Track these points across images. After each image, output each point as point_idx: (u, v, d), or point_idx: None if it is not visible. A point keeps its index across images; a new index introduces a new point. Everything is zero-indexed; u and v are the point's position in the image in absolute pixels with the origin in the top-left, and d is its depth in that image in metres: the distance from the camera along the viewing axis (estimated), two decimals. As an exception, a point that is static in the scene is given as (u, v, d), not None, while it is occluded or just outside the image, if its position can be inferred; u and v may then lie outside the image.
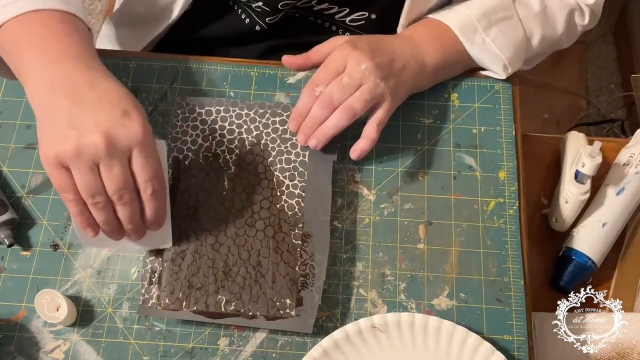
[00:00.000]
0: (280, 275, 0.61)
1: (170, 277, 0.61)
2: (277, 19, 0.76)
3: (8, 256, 0.64)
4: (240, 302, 0.60)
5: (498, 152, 0.69)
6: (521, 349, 0.61)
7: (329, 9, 0.76)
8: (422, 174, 0.68)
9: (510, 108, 0.71)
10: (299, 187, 0.65)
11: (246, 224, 0.64)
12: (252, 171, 0.66)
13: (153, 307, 0.60)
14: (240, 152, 0.67)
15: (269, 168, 0.66)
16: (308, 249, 0.63)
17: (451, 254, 0.64)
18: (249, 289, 0.61)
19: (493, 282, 0.63)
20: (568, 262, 0.74)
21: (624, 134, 1.53)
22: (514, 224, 0.66)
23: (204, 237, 0.63)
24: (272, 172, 0.66)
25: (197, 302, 0.60)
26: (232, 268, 0.62)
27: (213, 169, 0.66)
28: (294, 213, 0.64)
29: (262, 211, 0.64)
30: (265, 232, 0.63)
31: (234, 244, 0.63)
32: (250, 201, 0.65)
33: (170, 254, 0.62)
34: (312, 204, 0.64)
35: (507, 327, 0.61)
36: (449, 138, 0.70)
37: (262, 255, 0.62)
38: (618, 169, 0.77)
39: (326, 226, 0.63)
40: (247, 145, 0.67)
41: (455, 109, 0.71)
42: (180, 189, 0.65)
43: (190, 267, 0.62)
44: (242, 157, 0.67)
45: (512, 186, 0.67)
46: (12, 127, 0.70)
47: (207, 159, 0.66)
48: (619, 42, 1.73)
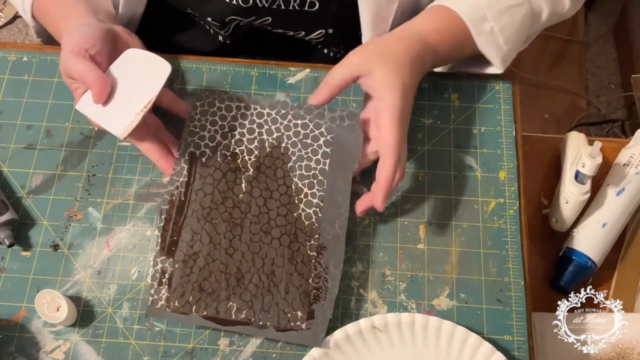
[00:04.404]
0: (293, 286, 0.60)
1: (181, 279, 0.60)
2: (240, 33, 0.78)
3: (8, 256, 0.64)
4: (251, 310, 0.59)
5: (498, 152, 0.69)
6: (521, 349, 0.61)
7: (284, 33, 0.77)
8: (422, 174, 0.68)
9: (510, 108, 0.71)
10: (317, 196, 0.63)
11: (261, 230, 0.62)
12: (271, 175, 0.64)
13: (162, 309, 0.59)
14: (260, 153, 0.65)
15: (288, 173, 0.64)
16: (322, 261, 0.61)
17: (451, 254, 0.64)
18: (260, 298, 0.59)
19: (493, 282, 0.63)
20: (568, 262, 0.74)
21: (624, 134, 1.53)
22: (514, 224, 0.66)
23: (218, 240, 0.61)
24: (290, 178, 0.64)
25: (207, 307, 0.59)
26: (244, 275, 0.60)
27: (230, 169, 0.64)
28: (311, 223, 0.62)
29: (278, 218, 0.62)
30: (280, 240, 0.61)
31: (248, 250, 0.61)
32: (267, 206, 0.63)
33: (182, 255, 0.60)
34: (329, 215, 0.62)
35: (507, 327, 0.61)
36: (449, 138, 0.70)
37: (276, 264, 0.60)
38: (618, 169, 0.77)
39: (341, 239, 0.62)
40: (267, 147, 0.65)
41: (455, 109, 0.71)
42: (195, 187, 0.63)
43: (202, 270, 0.60)
44: (261, 159, 0.64)
45: (512, 186, 0.67)
46: (12, 127, 0.70)
47: (224, 158, 0.64)
48: (619, 42, 1.73)
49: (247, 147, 0.65)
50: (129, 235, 0.65)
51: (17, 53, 0.73)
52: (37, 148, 0.69)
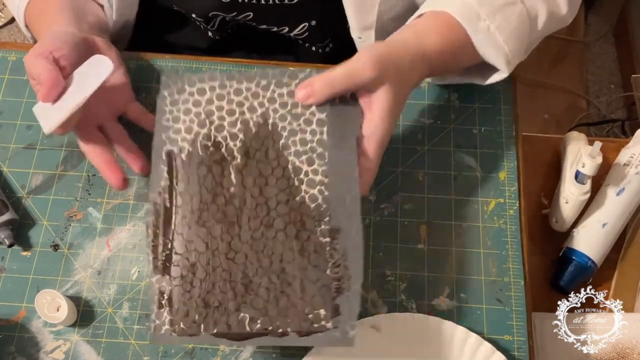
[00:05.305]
0: (310, 281, 0.52)
1: (182, 297, 0.52)
2: (228, 29, 0.79)
3: (8, 256, 0.64)
4: (267, 318, 0.51)
5: (498, 152, 0.69)
6: (521, 349, 0.61)
7: (268, 29, 0.77)
8: (422, 174, 0.68)
9: (510, 108, 0.71)
10: (319, 172, 0.54)
11: (262, 224, 0.54)
12: (262, 158, 0.55)
13: (167, 334, 0.52)
14: (245, 136, 0.56)
15: (282, 153, 0.55)
16: (338, 247, 0.53)
17: (451, 254, 0.64)
18: (275, 302, 0.52)
19: (493, 282, 0.63)
20: (568, 262, 0.74)
21: (624, 134, 1.53)
22: (514, 224, 0.66)
23: (215, 245, 0.53)
24: (285, 157, 0.55)
25: (217, 324, 0.52)
26: (252, 279, 0.52)
27: (215, 161, 0.55)
28: (317, 205, 0.54)
29: (279, 206, 0.54)
30: (285, 232, 0.53)
31: (251, 250, 0.53)
32: (264, 195, 0.54)
33: (179, 270, 0.53)
34: (337, 191, 0.54)
35: (507, 327, 0.61)
36: (449, 138, 0.70)
37: (286, 260, 0.53)
38: (618, 169, 0.77)
39: (356, 215, 0.53)
40: (252, 127, 0.56)
41: (455, 109, 0.71)
42: (179, 190, 0.55)
43: (203, 282, 0.52)
44: (248, 142, 0.56)
45: (512, 186, 0.67)
46: (12, 127, 0.70)
47: (206, 150, 0.56)
48: (619, 42, 1.73)
49: (229, 132, 0.56)
50: (129, 235, 0.65)
51: (17, 53, 0.73)
52: (37, 148, 0.69)
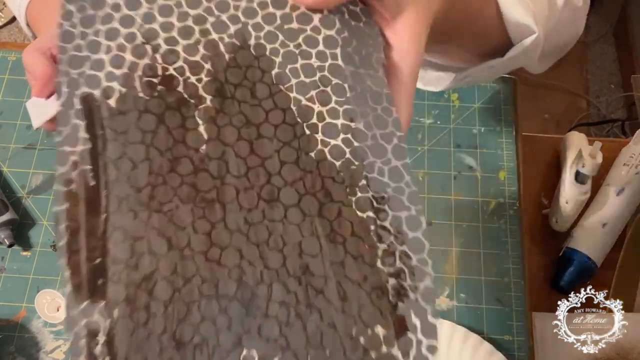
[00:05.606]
0: (352, 283, 0.30)
1: (133, 338, 0.28)
2: None
3: (8, 256, 0.64)
4: (289, 352, 0.29)
5: (498, 152, 0.69)
6: (521, 349, 0.61)
7: None
8: (422, 174, 0.68)
9: (510, 108, 0.71)
10: (340, 113, 0.33)
11: (261, 199, 0.31)
12: (247, 98, 0.33)
13: None
14: (215, 66, 0.34)
15: (277, 88, 0.34)
16: (388, 222, 0.32)
17: (451, 254, 0.64)
18: (299, 324, 0.29)
19: (493, 282, 0.63)
20: (568, 262, 0.74)
21: (624, 134, 1.53)
22: (514, 224, 0.66)
23: (184, 240, 0.30)
24: (284, 94, 0.34)
25: None
26: (255, 290, 0.30)
27: (169, 106, 0.32)
28: (346, 162, 0.32)
29: (285, 169, 0.32)
30: (301, 208, 0.31)
31: (248, 242, 0.30)
32: (258, 154, 0.32)
33: (121, 289, 0.29)
34: (372, 139, 0.34)
35: (507, 327, 0.61)
36: (449, 138, 0.70)
37: (307, 253, 0.31)
38: (618, 169, 0.77)
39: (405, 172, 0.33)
40: (225, 51, 0.34)
41: (455, 109, 0.71)
42: (110, 157, 0.31)
43: (169, 307, 0.29)
44: (221, 75, 0.34)
45: (512, 186, 0.67)
46: (12, 127, 0.70)
47: (151, 89, 0.33)
48: (619, 42, 1.73)
49: (188, 62, 0.34)
50: (129, 235, 0.65)
51: (17, 53, 0.73)
52: (37, 148, 0.69)
